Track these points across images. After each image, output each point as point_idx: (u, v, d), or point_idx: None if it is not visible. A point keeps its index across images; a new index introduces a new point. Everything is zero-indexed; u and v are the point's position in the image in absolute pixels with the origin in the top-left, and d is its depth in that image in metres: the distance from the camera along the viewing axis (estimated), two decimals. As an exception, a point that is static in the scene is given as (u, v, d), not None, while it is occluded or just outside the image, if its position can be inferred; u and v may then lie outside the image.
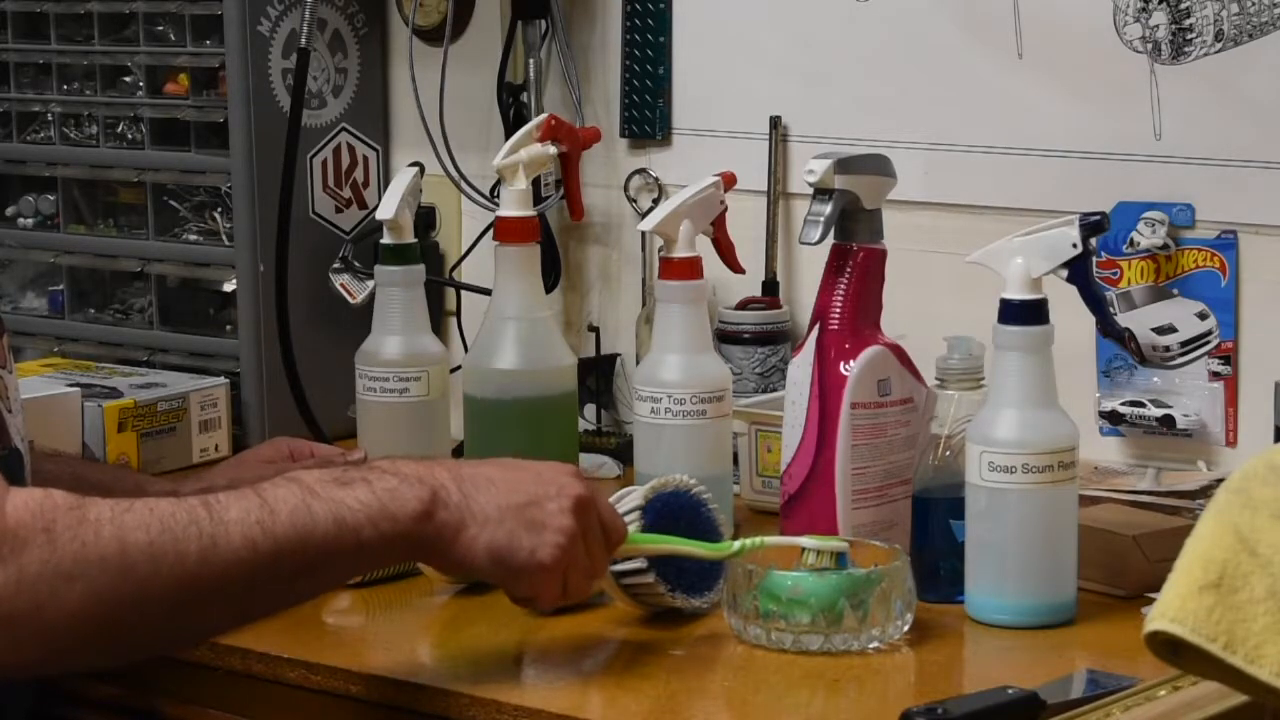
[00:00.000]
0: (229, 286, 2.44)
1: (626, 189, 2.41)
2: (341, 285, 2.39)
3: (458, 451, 2.15)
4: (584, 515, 1.61)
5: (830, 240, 1.86)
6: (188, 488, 1.95)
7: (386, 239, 2.11)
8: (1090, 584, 1.82)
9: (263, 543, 1.47)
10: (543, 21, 2.42)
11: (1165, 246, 2.08)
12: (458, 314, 2.52)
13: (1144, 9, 2.07)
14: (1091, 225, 1.78)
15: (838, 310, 1.86)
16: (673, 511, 1.77)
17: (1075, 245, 1.77)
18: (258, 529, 1.47)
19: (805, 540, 1.75)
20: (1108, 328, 1.87)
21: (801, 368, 1.86)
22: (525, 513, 1.58)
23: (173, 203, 2.49)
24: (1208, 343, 2.07)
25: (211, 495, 1.48)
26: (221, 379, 2.32)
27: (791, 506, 1.87)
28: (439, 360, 2.12)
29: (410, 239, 2.13)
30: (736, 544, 1.75)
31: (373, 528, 1.51)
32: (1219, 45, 2.04)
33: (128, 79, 2.51)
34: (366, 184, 2.53)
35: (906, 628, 1.71)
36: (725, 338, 2.26)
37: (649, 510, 1.76)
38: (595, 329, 2.44)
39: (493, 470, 1.60)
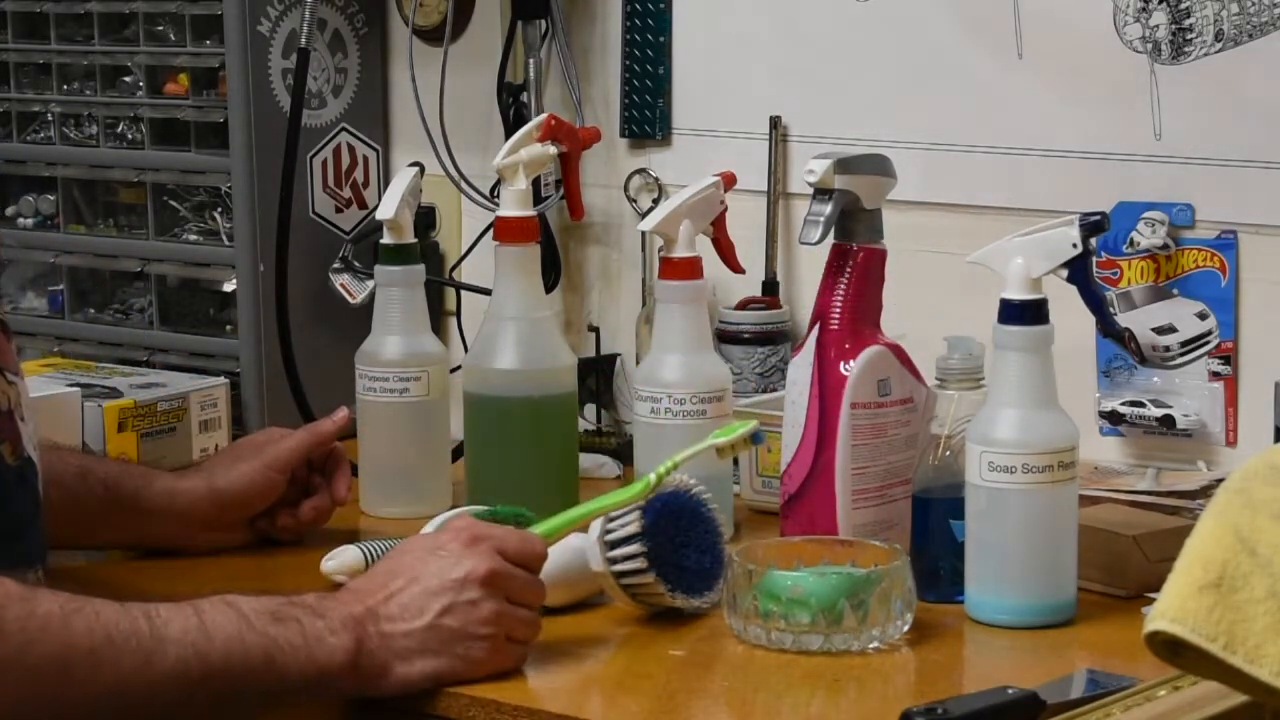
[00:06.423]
0: (229, 286, 2.44)
1: (626, 189, 2.41)
2: (341, 285, 2.39)
3: (458, 451, 2.14)
4: (497, 586, 1.62)
5: (830, 240, 1.86)
6: (190, 482, 1.96)
7: (386, 239, 2.12)
8: (1090, 584, 1.82)
9: (195, 666, 1.49)
10: (543, 21, 2.42)
11: (1165, 246, 2.08)
12: (458, 314, 2.52)
13: (1144, 9, 2.07)
14: (1091, 225, 1.78)
15: (838, 310, 1.86)
16: (673, 511, 1.77)
17: (1075, 245, 1.77)
18: (191, 651, 1.49)
19: (713, 440, 1.77)
20: (1108, 328, 1.87)
21: (801, 368, 1.86)
22: (442, 627, 1.60)
23: (173, 203, 2.49)
24: (1208, 343, 2.07)
25: (153, 608, 1.50)
26: (221, 379, 2.32)
27: (791, 506, 1.87)
28: (439, 360, 2.12)
29: (410, 239, 2.13)
30: (651, 476, 1.75)
31: (298, 672, 1.54)
32: (1219, 45, 2.04)
33: (128, 79, 2.51)
34: (366, 184, 2.53)
35: (906, 628, 1.71)
36: (725, 338, 2.26)
37: (649, 510, 1.76)
38: (595, 329, 2.44)
39: (401, 585, 1.60)
